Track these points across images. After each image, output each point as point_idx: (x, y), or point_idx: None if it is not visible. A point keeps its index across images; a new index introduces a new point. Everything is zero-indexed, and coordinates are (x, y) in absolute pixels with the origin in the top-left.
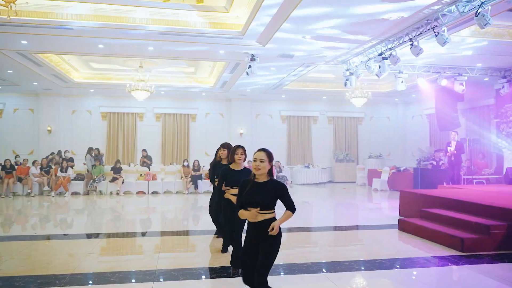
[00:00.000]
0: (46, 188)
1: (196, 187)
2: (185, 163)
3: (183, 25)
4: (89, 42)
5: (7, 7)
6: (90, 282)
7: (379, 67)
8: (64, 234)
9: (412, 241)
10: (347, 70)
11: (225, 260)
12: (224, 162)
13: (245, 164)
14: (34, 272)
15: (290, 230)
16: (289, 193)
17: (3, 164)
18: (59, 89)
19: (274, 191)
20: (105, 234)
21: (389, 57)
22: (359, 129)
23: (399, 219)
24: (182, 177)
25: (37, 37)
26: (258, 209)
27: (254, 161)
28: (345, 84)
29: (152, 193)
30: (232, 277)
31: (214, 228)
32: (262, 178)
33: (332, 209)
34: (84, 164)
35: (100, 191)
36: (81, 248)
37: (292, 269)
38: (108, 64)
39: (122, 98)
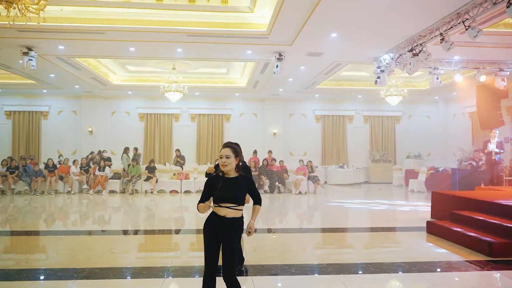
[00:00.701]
0: (85, 186)
1: None
2: (216, 163)
3: (209, 26)
4: (121, 46)
5: (37, 14)
6: (129, 276)
7: (409, 63)
8: (103, 230)
9: (438, 244)
10: (378, 67)
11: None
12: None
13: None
14: (76, 265)
15: (321, 230)
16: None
17: (46, 163)
18: (99, 91)
19: (246, 186)
20: (142, 231)
21: (419, 53)
22: (397, 128)
23: (427, 222)
24: None
25: (72, 42)
26: (210, 200)
27: (220, 158)
28: (376, 82)
29: (185, 192)
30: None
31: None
32: (231, 173)
33: (361, 210)
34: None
35: (136, 190)
36: (119, 244)
37: (320, 269)
38: (143, 66)
39: (158, 99)
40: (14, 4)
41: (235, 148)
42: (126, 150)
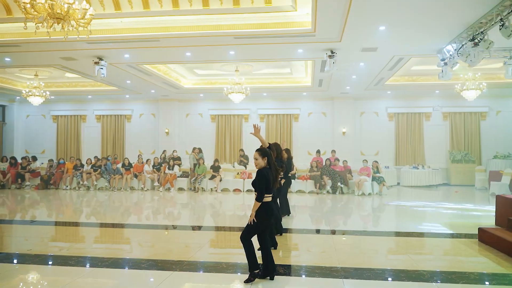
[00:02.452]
0: (156, 183)
1: None
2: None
3: (254, 28)
4: (176, 51)
5: (86, 27)
6: (201, 270)
7: (471, 54)
8: (173, 226)
9: (485, 254)
10: (442, 60)
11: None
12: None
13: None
14: (156, 257)
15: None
16: (259, 183)
17: (122, 162)
18: (174, 95)
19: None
20: (211, 227)
21: (480, 41)
22: (482, 125)
23: (478, 229)
24: None
25: (134, 50)
26: None
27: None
28: (439, 76)
29: (247, 190)
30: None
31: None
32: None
33: (422, 214)
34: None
35: (202, 188)
36: (193, 239)
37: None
38: (209, 69)
39: (228, 101)
40: (62, 20)
41: (263, 151)
42: (194, 150)
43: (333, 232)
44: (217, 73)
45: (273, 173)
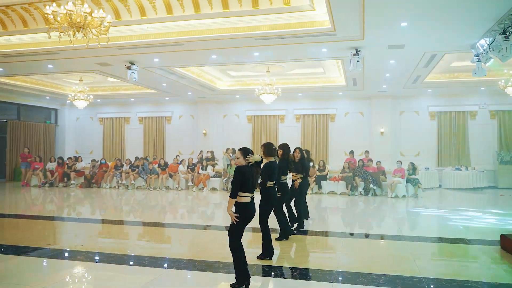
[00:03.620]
0: (190, 183)
1: (319, 187)
2: (310, 163)
3: (273, 29)
4: (202, 54)
5: (105, 34)
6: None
7: (501, 48)
8: (207, 226)
9: (500, 262)
10: (476, 55)
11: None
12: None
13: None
14: (196, 257)
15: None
16: (235, 179)
17: (159, 162)
18: (211, 96)
19: None
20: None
21: (511, 35)
22: None
23: (501, 235)
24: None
25: (162, 54)
26: None
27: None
28: (473, 73)
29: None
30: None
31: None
32: None
33: (450, 218)
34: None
35: None
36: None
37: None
38: (242, 71)
39: (264, 102)
40: (82, 29)
41: (244, 150)
42: (227, 150)
43: (367, 235)
44: (250, 74)
45: (252, 174)
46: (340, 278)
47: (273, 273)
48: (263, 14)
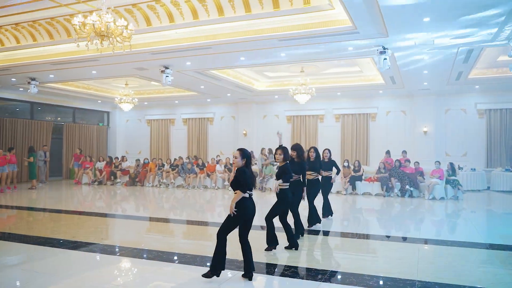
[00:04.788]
0: (226, 183)
1: (354, 188)
2: (345, 164)
3: (297, 29)
4: (230, 56)
5: (128, 42)
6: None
7: None
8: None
9: None
10: None
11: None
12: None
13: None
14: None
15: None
16: (242, 175)
17: (197, 162)
18: (251, 97)
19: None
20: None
21: None
22: None
23: None
24: (341, 178)
25: (192, 57)
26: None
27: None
28: (510, 68)
29: None
30: None
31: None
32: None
33: (495, 222)
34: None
35: (270, 188)
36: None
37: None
38: (278, 72)
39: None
40: (107, 37)
41: (243, 152)
42: (262, 150)
43: (404, 238)
44: (286, 74)
45: (251, 174)
46: (381, 283)
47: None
48: (284, 16)
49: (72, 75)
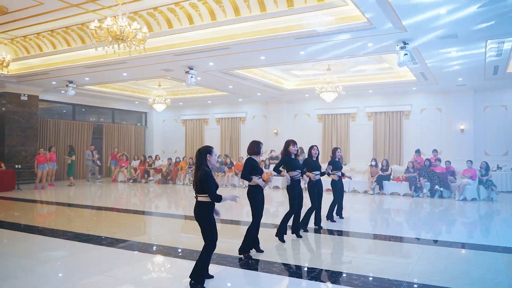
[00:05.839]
0: None
1: (381, 187)
2: (373, 163)
3: (312, 27)
4: (251, 56)
5: (143, 44)
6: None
7: None
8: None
9: None
10: None
11: None
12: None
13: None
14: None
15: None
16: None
17: (225, 161)
18: (281, 96)
19: None
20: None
21: None
22: None
23: None
24: (368, 177)
25: (214, 58)
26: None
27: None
28: None
29: None
30: None
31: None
32: None
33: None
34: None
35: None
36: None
37: None
38: (305, 70)
39: (335, 100)
40: (122, 40)
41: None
42: None
43: (435, 241)
44: (314, 73)
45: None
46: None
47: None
48: (298, 14)
49: (105, 77)
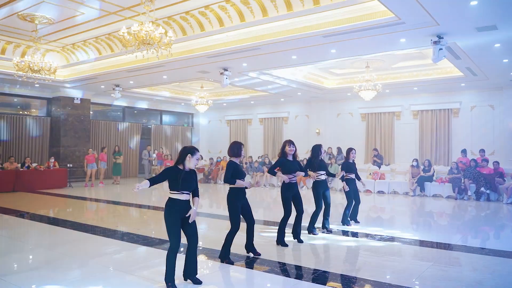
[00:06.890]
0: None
1: (422, 189)
2: (414, 163)
3: (340, 24)
4: (283, 55)
5: (170, 48)
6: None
7: None
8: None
9: None
10: None
11: None
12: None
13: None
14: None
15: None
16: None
17: (265, 160)
18: (323, 95)
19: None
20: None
21: None
22: None
23: None
24: (409, 179)
25: (246, 59)
26: None
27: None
28: None
29: (378, 192)
30: None
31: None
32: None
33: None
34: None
35: (332, 187)
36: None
37: None
38: (344, 68)
39: (379, 99)
40: (150, 45)
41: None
42: (328, 149)
43: (482, 249)
44: (353, 71)
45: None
46: None
47: None
48: (325, 11)
49: (147, 80)
